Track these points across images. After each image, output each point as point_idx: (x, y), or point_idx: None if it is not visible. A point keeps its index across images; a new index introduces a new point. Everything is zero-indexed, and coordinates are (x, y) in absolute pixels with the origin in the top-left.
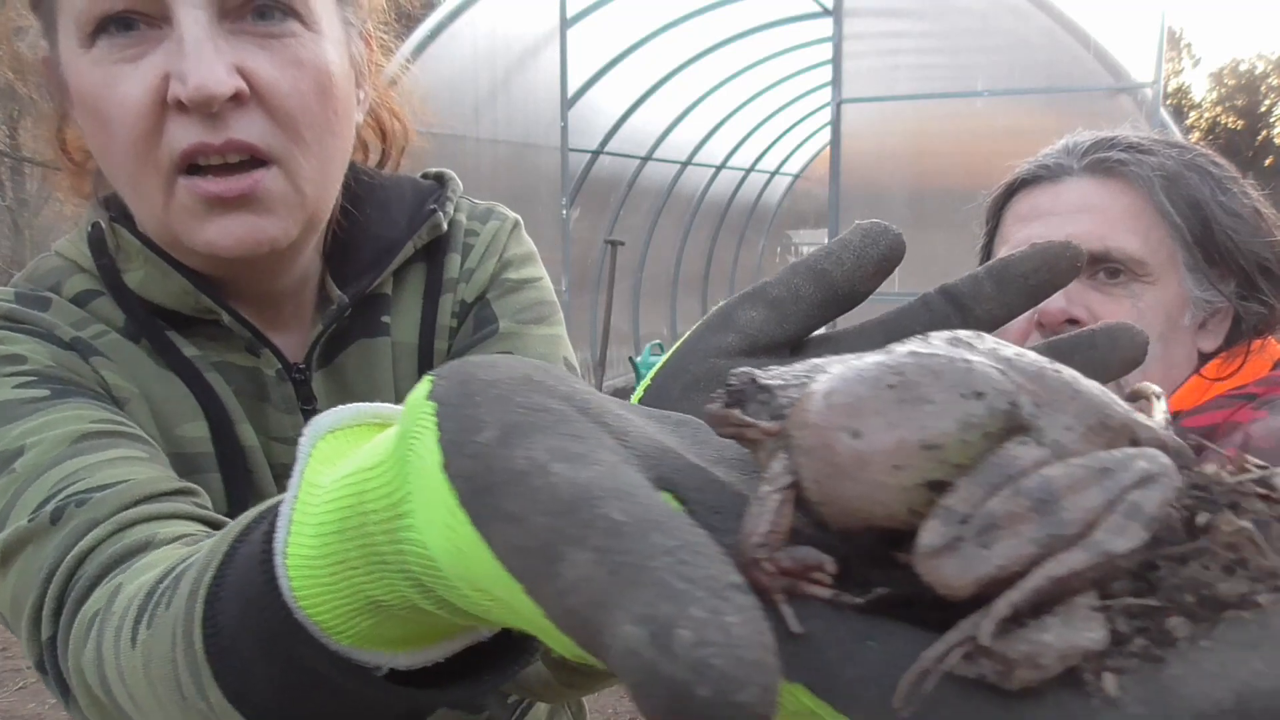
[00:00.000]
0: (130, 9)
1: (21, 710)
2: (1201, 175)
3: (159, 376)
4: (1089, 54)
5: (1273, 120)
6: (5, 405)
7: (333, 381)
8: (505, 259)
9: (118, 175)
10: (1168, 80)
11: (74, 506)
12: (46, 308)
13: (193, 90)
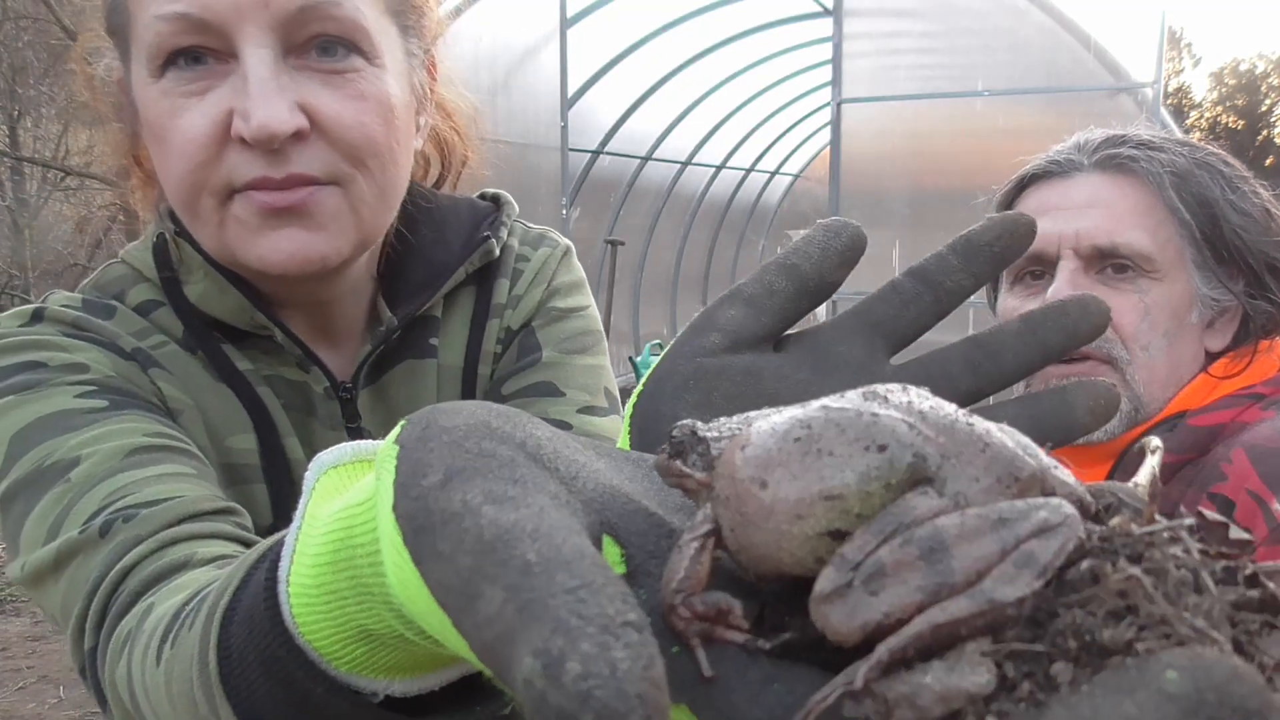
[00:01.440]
0: (198, 45)
1: (21, 710)
2: (1212, 174)
3: (212, 388)
4: (1089, 54)
5: (1273, 120)
6: (65, 414)
7: (379, 400)
8: (553, 287)
9: (176, 197)
10: (1168, 80)
11: (121, 521)
12: (111, 316)
13: (255, 129)
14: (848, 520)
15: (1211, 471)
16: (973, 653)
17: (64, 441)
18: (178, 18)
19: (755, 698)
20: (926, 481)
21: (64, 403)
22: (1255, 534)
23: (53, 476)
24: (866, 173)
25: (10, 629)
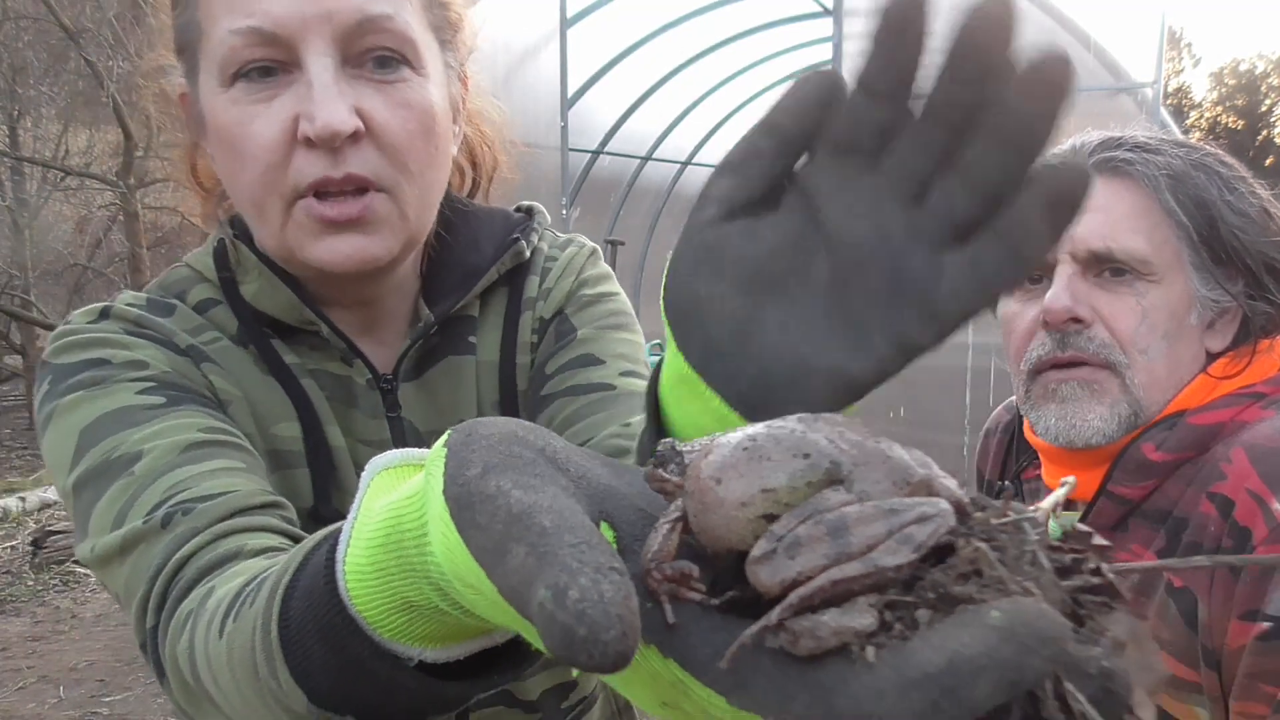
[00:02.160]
0: (267, 57)
1: (21, 710)
2: (1209, 175)
3: (260, 381)
4: (1089, 54)
5: (1273, 120)
6: (128, 410)
7: (423, 393)
8: (582, 278)
9: (244, 199)
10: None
11: (180, 515)
12: (170, 314)
13: (320, 128)
14: (779, 508)
15: (1211, 470)
16: (861, 603)
17: (127, 436)
18: (250, 31)
19: (706, 639)
20: (839, 482)
21: (126, 399)
22: (1255, 534)
23: (118, 469)
24: None
25: (10, 629)
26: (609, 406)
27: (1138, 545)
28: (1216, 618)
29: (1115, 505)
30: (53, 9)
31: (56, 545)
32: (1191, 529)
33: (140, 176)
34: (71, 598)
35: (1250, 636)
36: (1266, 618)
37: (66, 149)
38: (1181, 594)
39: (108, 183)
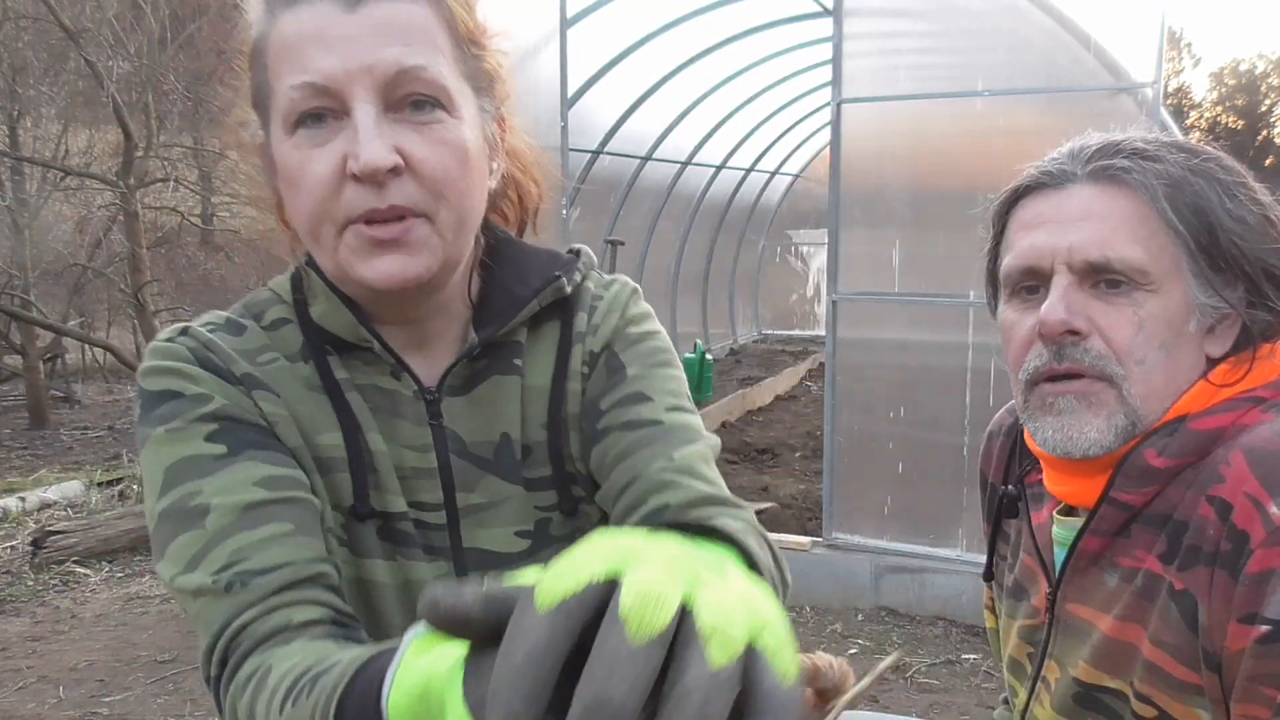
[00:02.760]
0: (321, 107)
1: (21, 710)
2: (1208, 180)
3: (308, 398)
4: (1089, 54)
5: (1273, 120)
6: (198, 460)
7: (468, 406)
8: (626, 316)
9: (304, 228)
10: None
11: (239, 585)
12: (241, 333)
13: (363, 165)
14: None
15: (1210, 474)
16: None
17: (200, 486)
18: (306, 85)
19: None
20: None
21: (197, 447)
22: (1253, 537)
23: (193, 518)
24: (866, 173)
25: (10, 629)
26: (657, 441)
27: (1140, 551)
28: (1216, 621)
29: (1117, 512)
30: (53, 9)
31: (56, 545)
32: (1191, 532)
33: (140, 176)
34: (71, 598)
35: (1250, 640)
36: (1265, 621)
37: (66, 149)
38: (1183, 597)
39: (108, 183)
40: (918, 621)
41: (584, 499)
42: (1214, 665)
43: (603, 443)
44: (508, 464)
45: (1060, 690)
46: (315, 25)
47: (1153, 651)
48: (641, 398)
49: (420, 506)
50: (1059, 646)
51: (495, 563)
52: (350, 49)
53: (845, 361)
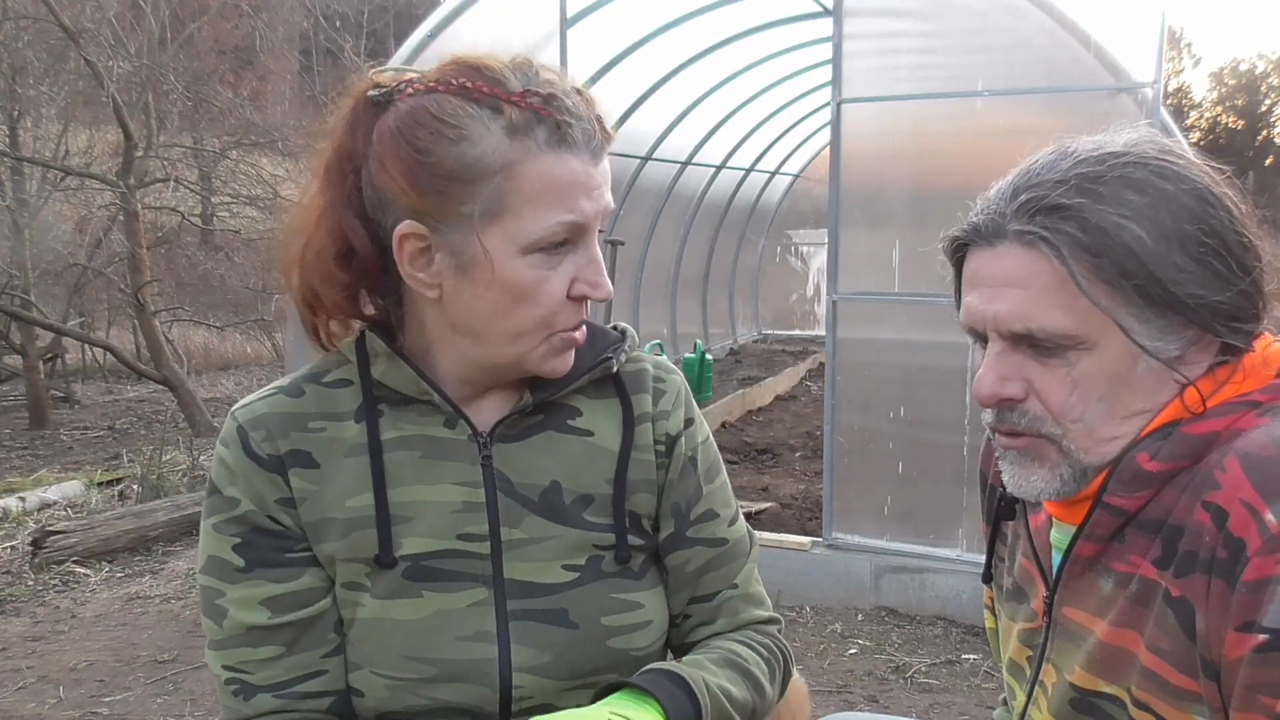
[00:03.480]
0: (568, 238)
1: (21, 710)
2: (1152, 222)
3: (348, 464)
4: (1089, 54)
5: (1273, 120)
6: (225, 565)
7: (521, 453)
8: (689, 416)
9: (510, 328)
10: (1168, 80)
11: (242, 699)
12: (300, 395)
13: (604, 294)
14: None
15: (1205, 479)
16: None
17: (223, 589)
18: (572, 223)
19: None
20: None
21: (224, 551)
22: (1249, 545)
23: (217, 613)
24: (866, 173)
25: (10, 629)
26: (725, 563)
27: (1135, 555)
28: (1214, 629)
29: (1111, 516)
30: (53, 9)
31: (56, 545)
32: (1187, 538)
33: (140, 176)
34: (71, 598)
35: (1248, 648)
36: (1263, 629)
37: (66, 149)
38: (1180, 604)
39: (108, 183)
40: (918, 621)
41: (639, 548)
42: (1212, 673)
43: (689, 550)
44: (556, 507)
45: (1057, 695)
46: (581, 173)
47: (1150, 658)
48: (712, 515)
49: (468, 538)
50: (1056, 651)
51: (536, 592)
52: (598, 196)
53: (845, 361)
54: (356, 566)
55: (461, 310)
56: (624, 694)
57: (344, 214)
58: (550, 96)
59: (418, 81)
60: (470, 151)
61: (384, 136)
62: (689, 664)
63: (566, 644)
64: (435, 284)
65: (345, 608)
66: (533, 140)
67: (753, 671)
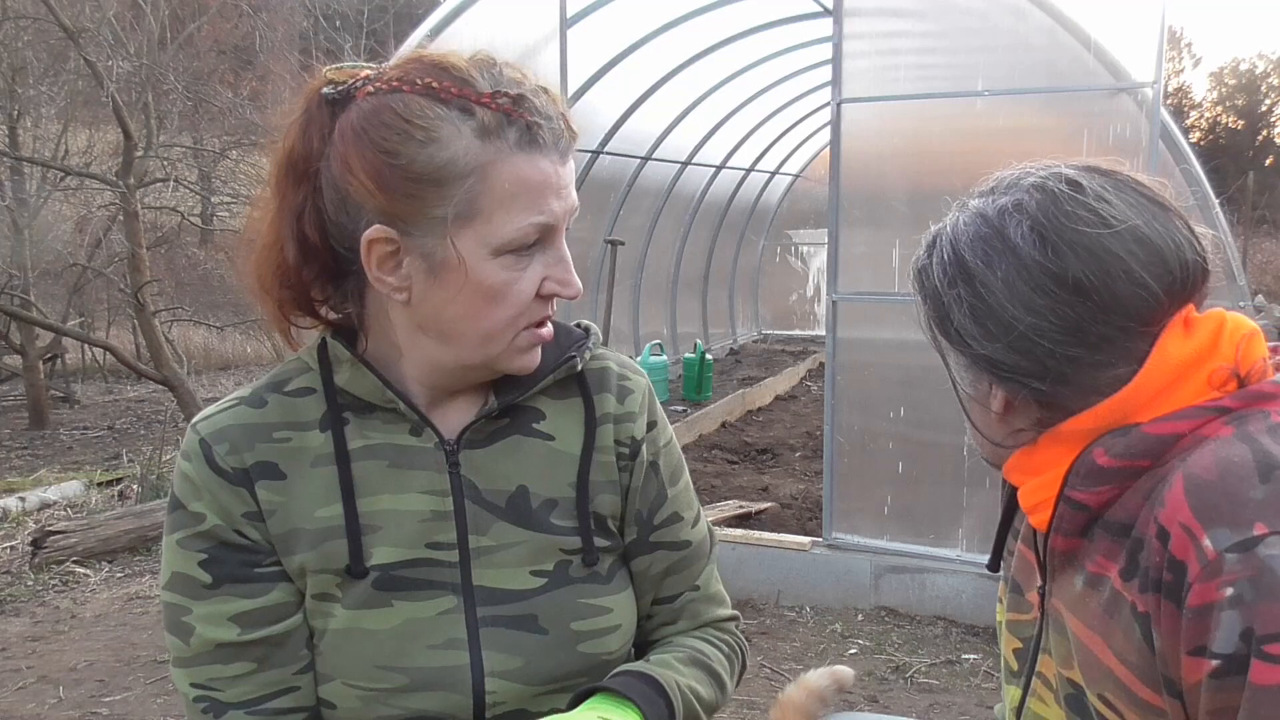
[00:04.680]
0: (538, 238)
1: (21, 710)
2: (965, 288)
3: (315, 474)
4: (1089, 54)
5: (1273, 120)
6: (191, 581)
7: (487, 459)
8: (652, 419)
9: (480, 329)
10: (1168, 80)
11: (213, 717)
12: (262, 406)
13: (575, 292)
14: None
15: (1160, 494)
16: None
17: (186, 607)
18: (542, 224)
19: None
20: None
21: (190, 567)
22: (1190, 569)
23: (183, 631)
24: (866, 173)
25: (10, 629)
26: (688, 565)
27: (1102, 558)
28: (1169, 648)
29: (1075, 511)
30: (53, 9)
31: (56, 545)
32: (1145, 552)
33: (140, 176)
34: (71, 598)
35: (1203, 673)
36: (1214, 655)
37: (66, 149)
38: (1143, 619)
39: (107, 183)
40: (917, 621)
41: (606, 549)
42: (1175, 691)
43: (652, 555)
44: (523, 512)
45: (1059, 688)
46: (551, 173)
47: (1118, 667)
48: (676, 518)
49: (437, 546)
50: (1053, 643)
51: (505, 598)
52: (566, 195)
53: (845, 361)
54: (327, 578)
55: (430, 313)
56: (603, 698)
57: (299, 219)
58: (520, 97)
59: (377, 79)
60: (441, 154)
61: (346, 136)
62: (658, 664)
63: (537, 649)
64: (404, 287)
65: (316, 619)
66: (504, 142)
67: (716, 669)
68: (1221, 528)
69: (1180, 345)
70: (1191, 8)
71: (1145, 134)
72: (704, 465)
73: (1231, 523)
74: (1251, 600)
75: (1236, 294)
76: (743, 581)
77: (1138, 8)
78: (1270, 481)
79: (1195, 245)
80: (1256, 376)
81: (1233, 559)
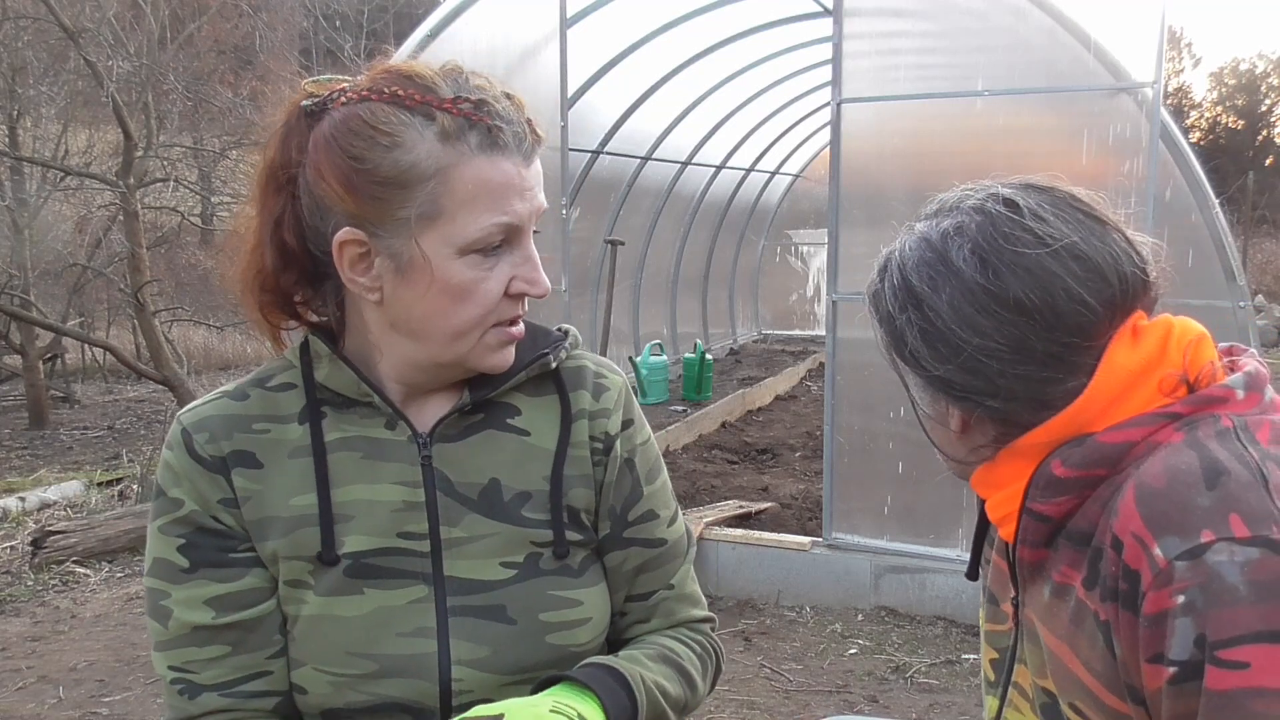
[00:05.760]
0: (503, 238)
1: (21, 710)
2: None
3: (292, 465)
4: (1089, 54)
5: (1273, 120)
6: (169, 564)
7: (460, 452)
8: (628, 418)
9: (450, 327)
10: (1168, 80)
11: (187, 697)
12: (244, 399)
13: (542, 290)
14: None
15: (1115, 502)
16: None
17: (165, 591)
18: (507, 225)
19: None
20: None
21: (169, 552)
22: (1143, 578)
23: (161, 614)
24: (866, 173)
25: (10, 629)
26: (663, 564)
27: (1067, 568)
28: (1129, 656)
29: (1037, 522)
30: (53, 9)
31: (56, 545)
32: (1104, 560)
33: (140, 176)
34: (71, 598)
35: (1163, 680)
36: (1171, 662)
37: (66, 149)
38: (1105, 627)
39: (107, 183)
40: (917, 621)
41: (578, 543)
42: (1138, 698)
43: (626, 550)
44: (495, 505)
45: (1035, 698)
46: (514, 175)
47: (1086, 675)
48: (652, 515)
49: (408, 536)
50: (1028, 653)
51: (475, 589)
52: (531, 196)
53: (845, 361)
54: (299, 564)
55: (402, 312)
56: (564, 687)
57: (278, 226)
58: (480, 102)
59: (350, 90)
60: (404, 158)
61: (319, 145)
62: (626, 659)
63: (505, 639)
64: (376, 287)
65: (289, 605)
66: (465, 145)
67: (686, 668)
68: (1170, 536)
69: (1128, 354)
70: (1191, 8)
71: (1145, 134)
72: (704, 465)
73: (1180, 531)
74: (1203, 607)
75: (1236, 294)
76: (743, 581)
77: (1138, 8)
78: (1216, 488)
79: (1134, 257)
80: (1205, 380)
81: (1182, 567)
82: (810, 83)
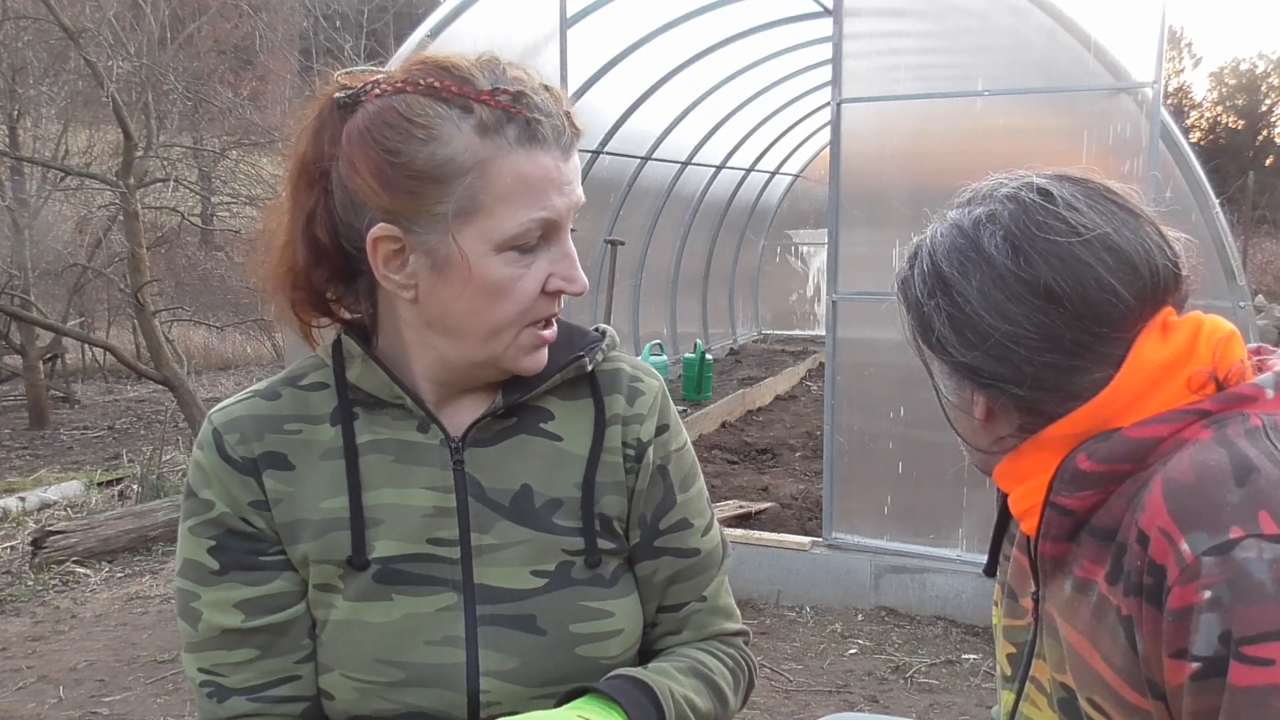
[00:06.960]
0: (542, 234)
1: (21, 710)
2: (944, 298)
3: (323, 466)
4: (1089, 54)
5: (1273, 120)
6: (200, 566)
7: (491, 457)
8: (663, 423)
9: (486, 325)
10: (1168, 80)
11: (216, 702)
12: (276, 399)
13: (580, 288)
14: None
15: (1141, 498)
16: None
17: (195, 592)
18: (545, 220)
19: None
20: None
21: (199, 554)
22: (1169, 573)
23: (192, 616)
24: (866, 173)
25: (10, 629)
26: (695, 574)
27: (1089, 563)
28: (1152, 652)
29: (1060, 516)
30: (53, 9)
31: (56, 545)
32: (1128, 556)
33: (140, 176)
34: (71, 598)
35: (1185, 676)
36: (1195, 658)
37: (66, 149)
38: (1127, 622)
39: (108, 183)
40: (917, 621)
41: (610, 551)
42: (1159, 694)
43: (659, 560)
44: (526, 511)
45: (1052, 693)
46: (553, 169)
47: (1106, 671)
48: (686, 524)
49: (439, 542)
50: (1047, 648)
51: (505, 597)
52: (569, 191)
53: (845, 361)
54: (329, 568)
55: (437, 310)
56: (591, 699)
57: (310, 222)
58: (519, 94)
59: (384, 82)
60: (441, 151)
61: (352, 138)
62: (655, 671)
63: (534, 650)
64: (410, 285)
65: (318, 609)
66: (503, 138)
67: (717, 682)
68: (1199, 531)
69: (1157, 349)
70: (1191, 8)
71: (1145, 134)
72: (704, 465)
73: (1208, 526)
74: (1229, 603)
75: (1236, 294)
76: (743, 581)
77: (1138, 7)
78: (1246, 485)
79: (1166, 250)
80: (1235, 379)
81: (1210, 562)
82: (810, 83)
